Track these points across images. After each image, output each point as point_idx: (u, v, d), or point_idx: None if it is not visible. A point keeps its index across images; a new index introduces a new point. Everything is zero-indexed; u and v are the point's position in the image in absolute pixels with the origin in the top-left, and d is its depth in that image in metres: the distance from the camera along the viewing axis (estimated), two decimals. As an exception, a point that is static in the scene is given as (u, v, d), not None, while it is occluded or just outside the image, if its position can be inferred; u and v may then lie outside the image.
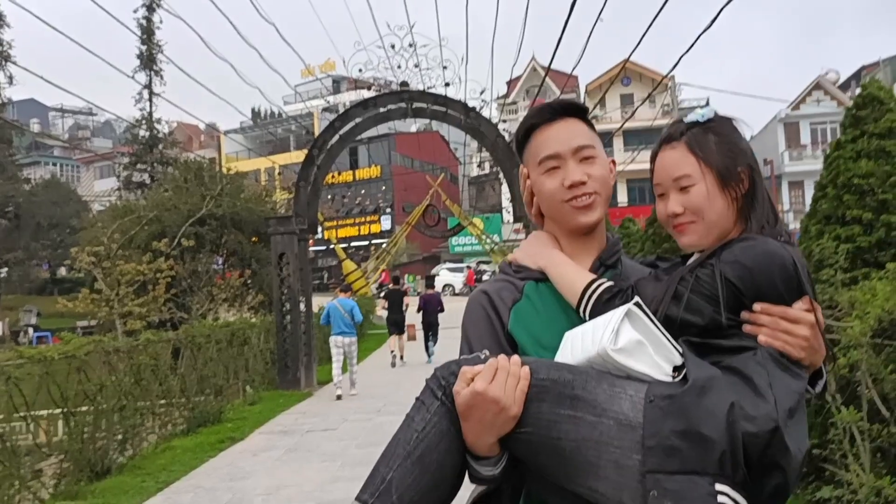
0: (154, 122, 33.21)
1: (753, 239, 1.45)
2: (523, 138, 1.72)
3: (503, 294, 1.66)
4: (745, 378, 1.33)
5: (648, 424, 1.28)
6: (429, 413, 1.37)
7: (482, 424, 1.34)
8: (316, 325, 15.42)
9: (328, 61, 54.77)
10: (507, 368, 1.34)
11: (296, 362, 14.15)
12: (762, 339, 1.39)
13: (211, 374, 11.52)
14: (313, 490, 7.08)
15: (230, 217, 21.40)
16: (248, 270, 21.18)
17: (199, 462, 8.50)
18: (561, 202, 1.63)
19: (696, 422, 1.26)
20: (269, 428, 10.52)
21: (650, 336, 1.38)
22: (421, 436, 1.35)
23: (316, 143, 14.95)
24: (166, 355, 10.01)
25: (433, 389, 1.39)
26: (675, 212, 1.54)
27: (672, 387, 1.32)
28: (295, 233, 14.33)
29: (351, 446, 8.98)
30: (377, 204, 53.15)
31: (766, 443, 1.26)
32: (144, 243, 19.04)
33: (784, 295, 1.41)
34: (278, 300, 14.41)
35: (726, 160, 1.51)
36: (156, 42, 32.14)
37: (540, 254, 1.67)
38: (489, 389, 1.31)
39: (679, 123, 1.59)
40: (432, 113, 15.25)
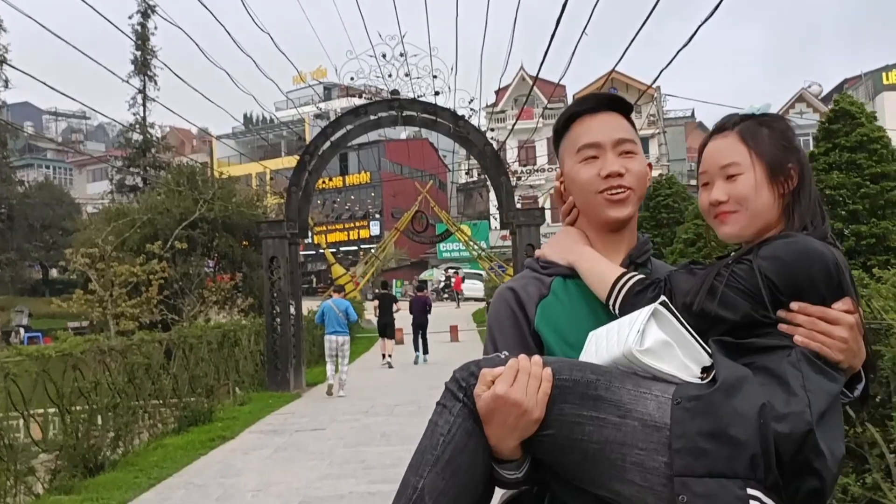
0: (147, 126, 33.21)
1: (794, 236, 1.39)
2: (563, 126, 1.67)
3: (529, 290, 1.60)
4: (777, 378, 1.27)
5: (675, 425, 1.22)
6: (452, 415, 1.31)
7: (504, 428, 1.29)
8: (306, 328, 15.58)
9: (320, 68, 54.86)
10: (529, 370, 1.29)
11: (285, 364, 14.22)
12: (798, 339, 1.32)
13: (202, 374, 11.59)
14: (302, 487, 7.17)
15: (222, 221, 21.44)
16: (239, 274, 21.24)
17: (190, 459, 8.56)
18: (595, 193, 1.58)
19: (725, 423, 1.20)
20: (258, 427, 10.59)
21: (677, 336, 1.33)
22: (447, 438, 1.30)
23: (308, 150, 15.06)
24: (159, 355, 10.07)
25: (454, 392, 1.33)
26: (718, 199, 1.49)
27: (700, 388, 1.26)
28: (286, 237, 14.42)
29: (339, 446, 9.07)
30: (366, 209, 53.22)
31: (799, 444, 1.20)
32: (137, 246, 19.07)
33: (824, 294, 1.35)
34: (269, 303, 14.48)
35: (777, 153, 1.47)
36: (150, 47, 32.20)
37: (570, 249, 1.61)
38: (510, 392, 1.26)
39: (732, 115, 1.55)
40: (422, 121, 15.39)
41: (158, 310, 17.42)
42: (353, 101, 27.11)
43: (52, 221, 44.81)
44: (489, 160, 15.17)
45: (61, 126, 74.60)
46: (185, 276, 19.76)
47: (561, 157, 1.67)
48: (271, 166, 37.54)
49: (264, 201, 26.12)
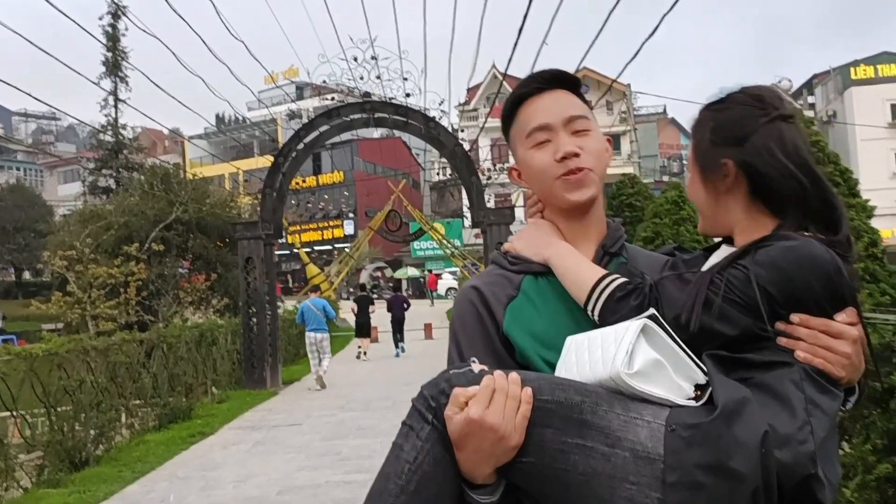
0: (120, 127, 33.15)
1: (794, 239, 1.27)
2: (510, 113, 1.54)
3: (496, 290, 1.47)
4: (779, 399, 1.18)
5: (669, 456, 1.11)
6: (419, 440, 1.18)
7: (479, 454, 1.16)
8: (282, 328, 15.95)
9: (291, 68, 54.87)
10: (506, 390, 1.16)
11: (262, 363, 14.53)
12: (800, 355, 1.22)
13: (181, 372, 11.88)
14: (280, 478, 7.54)
15: (196, 222, 21.63)
16: (214, 274, 21.46)
17: (172, 454, 8.88)
18: (552, 178, 1.46)
19: (725, 454, 1.10)
20: (237, 424, 10.92)
21: (669, 354, 1.21)
22: (413, 467, 1.17)
23: (282, 152, 15.36)
24: (140, 354, 10.37)
25: (422, 412, 1.19)
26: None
27: (696, 413, 1.15)
28: (261, 238, 14.71)
29: (315, 440, 9.43)
30: (340, 209, 53.40)
31: (803, 476, 1.12)
32: (112, 248, 19.22)
33: (825, 305, 1.25)
34: (245, 303, 14.77)
35: (706, 148, 1.38)
36: (121, 49, 32.13)
37: (545, 244, 1.48)
38: (486, 416, 1.13)
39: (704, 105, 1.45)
40: (394, 122, 15.75)
41: (135, 311, 17.64)
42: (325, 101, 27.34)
43: (24, 224, 44.46)
44: (460, 160, 15.58)
45: (31, 127, 73.76)
46: (160, 277, 19.95)
47: (512, 146, 1.56)
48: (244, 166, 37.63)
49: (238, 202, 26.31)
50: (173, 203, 20.44)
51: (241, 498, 6.87)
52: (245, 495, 6.95)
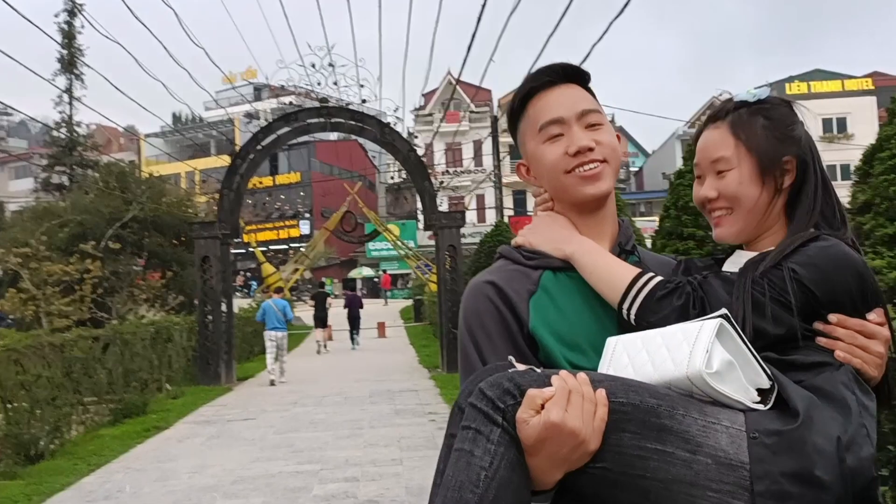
0: (74, 124, 32.55)
1: (827, 239, 1.27)
2: (520, 107, 1.49)
3: (515, 285, 1.39)
4: (836, 402, 1.16)
5: (755, 465, 1.08)
6: (491, 444, 1.09)
7: (554, 460, 1.10)
8: (237, 325, 16.08)
9: (249, 69, 54.44)
10: (582, 391, 1.09)
11: (216, 359, 14.59)
12: (840, 355, 1.22)
13: (137, 368, 11.90)
14: (235, 468, 7.70)
15: (151, 220, 21.43)
16: (170, 272, 21.29)
17: (127, 448, 8.96)
18: (564, 173, 1.41)
19: (812, 462, 1.08)
20: (192, 418, 11.00)
21: (739, 355, 1.17)
22: (490, 473, 1.08)
23: (239, 154, 15.43)
24: (96, 350, 10.39)
25: (488, 413, 1.10)
26: (708, 196, 1.39)
27: (773, 419, 1.12)
28: (218, 237, 14.77)
29: (269, 433, 9.59)
30: (296, 209, 53.14)
31: (866, 478, 1.12)
32: (66, 245, 18.96)
33: (859, 304, 1.25)
34: (201, 301, 14.81)
35: (770, 146, 1.34)
36: (77, 46, 31.57)
37: (565, 238, 1.42)
38: (567, 419, 1.06)
39: (726, 102, 1.42)
40: (350, 127, 15.94)
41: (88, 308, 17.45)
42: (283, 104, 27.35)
43: (-28, 219, 43.25)
44: (413, 166, 15.84)
45: (-20, 121, 71.61)
46: (114, 275, 19.72)
47: (521, 141, 1.50)
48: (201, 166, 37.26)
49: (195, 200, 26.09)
50: (129, 202, 20.25)
51: (197, 487, 7.02)
52: (200, 485, 7.10)
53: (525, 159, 1.51)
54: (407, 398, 11.78)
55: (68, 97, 31.69)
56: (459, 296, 14.41)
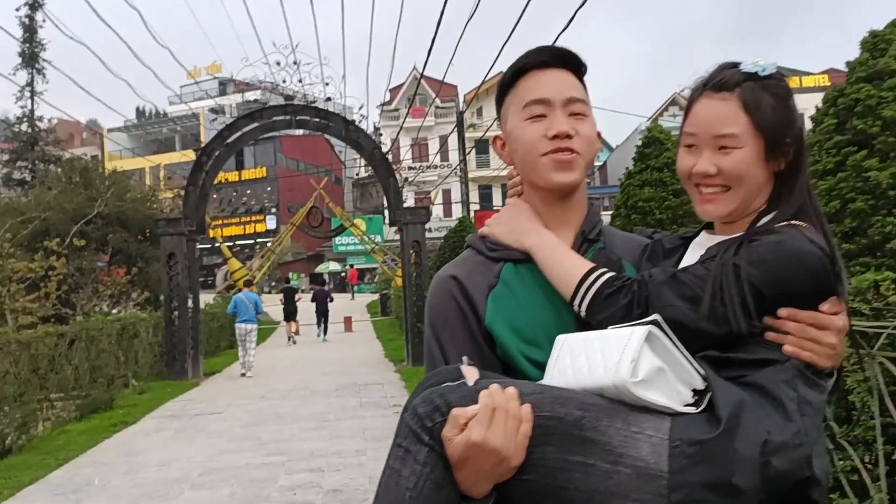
0: (36, 119, 32.07)
1: (780, 233, 1.24)
2: (510, 81, 1.47)
3: (475, 279, 1.41)
4: (773, 400, 1.16)
5: (674, 475, 1.09)
6: (418, 464, 1.13)
7: (479, 475, 1.13)
8: (203, 321, 16.17)
9: (214, 63, 53.97)
10: (507, 408, 1.11)
11: (183, 355, 14.65)
12: (788, 349, 1.20)
13: (103, 364, 11.94)
14: (202, 461, 7.85)
15: (116, 216, 21.30)
16: (135, 268, 21.20)
17: (94, 442, 9.04)
18: (539, 155, 1.40)
19: (728, 471, 1.09)
20: (158, 413, 11.09)
21: (670, 359, 1.17)
22: (414, 493, 1.12)
23: (205, 151, 15.48)
24: (62, 347, 10.43)
25: (417, 432, 1.14)
26: (706, 172, 1.30)
27: (699, 425, 1.13)
28: (184, 234, 14.81)
29: (236, 426, 9.74)
30: (262, 204, 52.92)
31: (798, 478, 1.12)
32: (28, 242, 18.78)
33: (812, 298, 1.23)
34: (167, 297, 14.85)
35: (779, 127, 1.29)
36: (38, 41, 31.10)
37: (526, 231, 1.42)
38: (488, 439, 1.09)
39: (732, 70, 1.32)
40: (315, 125, 16.07)
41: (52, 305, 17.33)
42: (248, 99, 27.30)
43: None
44: (378, 162, 16.02)
45: (-63, 114, 69.84)
46: (78, 271, 19.59)
47: (504, 114, 1.50)
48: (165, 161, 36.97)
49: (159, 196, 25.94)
50: (94, 198, 20.12)
51: (164, 480, 7.16)
52: (168, 477, 7.25)
53: (503, 134, 1.51)
54: (372, 391, 11.98)
55: (29, 92, 31.21)
56: (424, 291, 14.63)
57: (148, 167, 42.32)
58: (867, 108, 4.10)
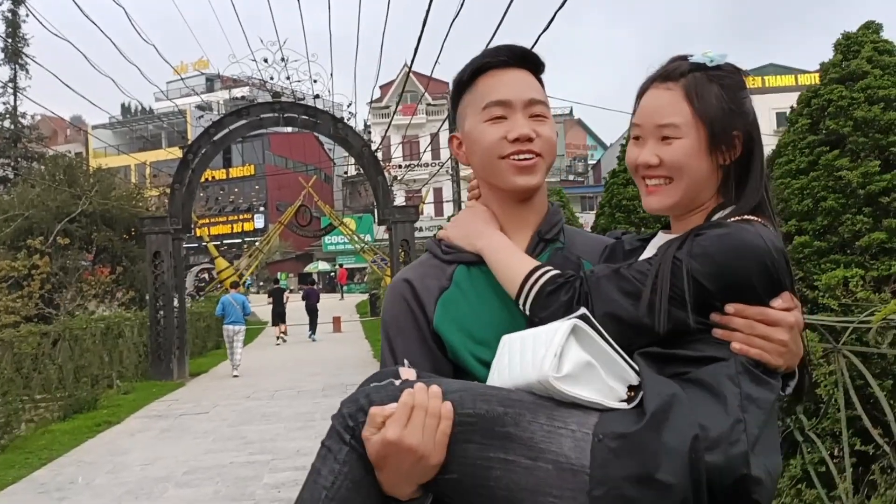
0: (19, 115, 32.01)
1: (726, 227, 1.23)
2: (469, 80, 1.47)
3: (428, 282, 1.43)
4: (713, 395, 1.14)
5: (595, 469, 1.08)
6: (337, 463, 1.15)
7: (398, 475, 1.14)
8: (189, 321, 16.28)
9: (201, 59, 53.91)
10: (426, 406, 1.12)
11: (168, 354, 14.74)
12: (736, 346, 1.19)
13: (87, 364, 12.02)
14: (188, 460, 7.97)
15: (101, 214, 21.34)
16: (120, 267, 21.24)
17: (78, 442, 9.14)
18: (498, 158, 1.41)
19: (654, 464, 1.07)
20: (143, 413, 11.19)
21: (600, 354, 1.17)
22: (331, 493, 1.14)
23: (191, 148, 15.55)
24: (46, 346, 10.52)
25: (339, 432, 1.16)
26: (648, 162, 1.31)
27: (625, 419, 1.12)
28: (170, 232, 14.89)
29: (222, 426, 9.85)
30: (250, 202, 52.90)
31: (735, 476, 1.10)
32: (10, 240, 18.82)
33: (761, 293, 1.21)
34: (153, 296, 14.94)
35: (723, 118, 1.28)
36: (21, 35, 31.06)
37: (478, 233, 1.44)
38: (404, 437, 1.10)
39: (680, 61, 1.34)
40: (303, 122, 16.17)
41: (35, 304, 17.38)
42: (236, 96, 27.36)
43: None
44: (367, 161, 16.15)
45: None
46: (62, 270, 19.64)
47: (461, 114, 1.49)
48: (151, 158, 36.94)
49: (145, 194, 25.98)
50: (78, 196, 20.16)
51: (149, 478, 7.28)
52: (152, 476, 7.36)
53: (461, 133, 1.51)
54: (359, 391, 12.07)
55: (12, 88, 31.16)
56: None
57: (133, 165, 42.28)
58: (839, 109, 4.26)
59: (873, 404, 3.61)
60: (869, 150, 4.10)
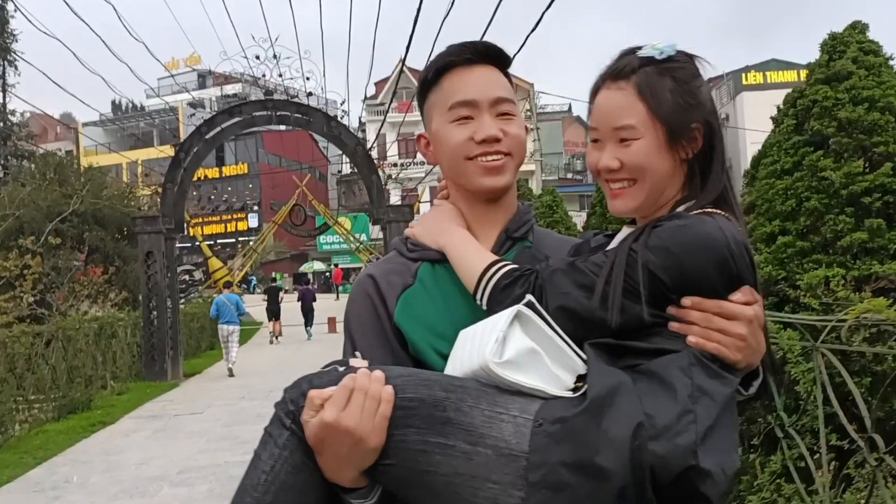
0: (8, 113, 32.08)
1: (685, 218, 1.22)
2: (434, 78, 1.47)
3: (392, 278, 1.45)
4: (664, 385, 1.13)
5: (534, 454, 1.08)
6: (277, 447, 1.17)
7: (337, 459, 1.14)
8: (184, 321, 16.47)
9: (193, 55, 53.98)
10: (367, 389, 1.13)
11: (162, 355, 14.88)
12: (692, 339, 1.18)
13: (80, 364, 12.17)
14: (181, 459, 8.13)
15: (92, 214, 21.44)
16: (112, 267, 21.35)
17: (73, 442, 9.30)
18: (465, 159, 1.42)
19: (591, 450, 1.06)
20: (137, 413, 11.34)
21: (546, 342, 1.17)
22: (270, 477, 1.15)
23: (183, 147, 15.69)
24: (39, 347, 10.66)
25: (280, 417, 1.19)
26: (609, 167, 1.30)
27: (568, 405, 1.12)
28: (162, 232, 15.02)
29: (216, 426, 10.01)
30: (244, 201, 53.00)
31: (681, 468, 1.07)
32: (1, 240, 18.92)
33: (718, 287, 1.20)
34: (145, 297, 15.08)
35: (680, 112, 1.27)
36: (10, 31, 31.11)
37: (442, 230, 1.45)
38: (341, 419, 1.11)
39: (630, 57, 1.32)
40: (296, 121, 16.29)
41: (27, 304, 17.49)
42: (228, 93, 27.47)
43: None
44: (360, 159, 16.29)
45: None
46: (54, 270, 19.74)
47: (427, 113, 1.50)
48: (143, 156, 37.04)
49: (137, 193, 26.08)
50: (69, 195, 20.28)
51: (143, 478, 7.44)
52: (147, 475, 7.52)
53: (427, 133, 1.51)
54: (354, 391, 12.24)
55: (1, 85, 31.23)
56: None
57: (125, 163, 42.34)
58: (823, 110, 4.42)
59: (852, 401, 3.77)
60: (852, 150, 4.26)
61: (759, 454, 4.10)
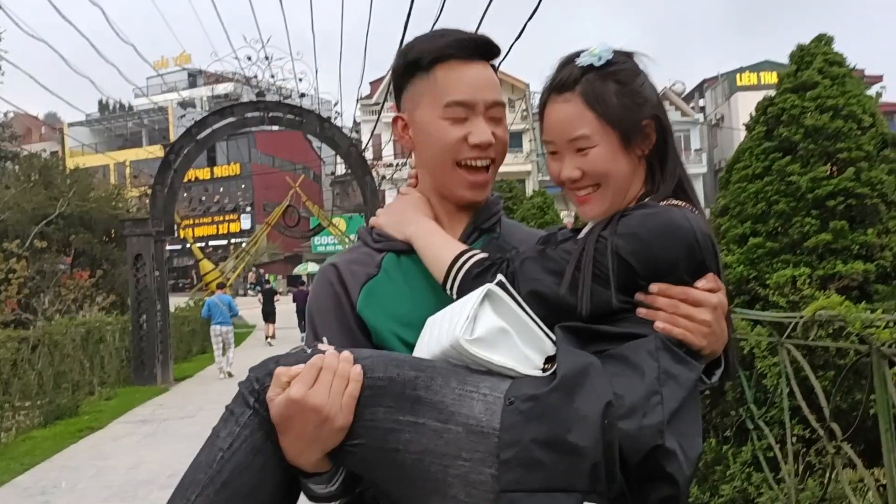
0: (-7, 114, 32.34)
1: (653, 207, 1.29)
2: (429, 65, 1.46)
3: (356, 268, 1.47)
4: (632, 367, 1.17)
5: (505, 432, 1.10)
6: (237, 426, 1.17)
7: (302, 438, 1.15)
8: (174, 325, 16.73)
9: (183, 54, 54.23)
10: (335, 368, 1.15)
11: (151, 360, 15.06)
12: (659, 325, 1.23)
13: (67, 370, 12.39)
14: (173, 462, 8.30)
15: (79, 216, 21.62)
16: (99, 271, 21.55)
17: (60, 448, 9.46)
18: (453, 162, 1.44)
19: (563, 427, 1.09)
20: (126, 418, 11.51)
21: (516, 323, 1.21)
22: (227, 455, 1.16)
23: (173, 148, 15.88)
24: (25, 352, 10.91)
25: (244, 395, 1.19)
26: (571, 178, 1.35)
27: (539, 383, 1.15)
28: (151, 235, 15.18)
29: (207, 429, 9.89)
30: (236, 203, 53.23)
31: (649, 447, 1.10)
32: (-18, 244, 19.17)
33: (685, 273, 1.25)
34: (134, 300, 15.29)
35: (629, 113, 1.32)
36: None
37: (408, 221, 1.47)
38: (309, 396, 1.12)
39: (570, 66, 1.36)
40: (288, 122, 16.50)
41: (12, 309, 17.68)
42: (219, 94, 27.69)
43: None
44: (354, 160, 16.54)
45: None
46: (39, 274, 19.95)
47: (412, 97, 1.49)
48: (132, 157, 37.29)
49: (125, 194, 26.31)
50: (55, 198, 20.50)
51: (133, 482, 7.64)
52: (136, 479, 7.73)
53: (408, 117, 1.51)
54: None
55: (-15, 85, 31.45)
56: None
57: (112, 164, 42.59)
58: (791, 118, 4.70)
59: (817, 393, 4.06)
60: (818, 156, 4.54)
61: (731, 445, 4.37)
